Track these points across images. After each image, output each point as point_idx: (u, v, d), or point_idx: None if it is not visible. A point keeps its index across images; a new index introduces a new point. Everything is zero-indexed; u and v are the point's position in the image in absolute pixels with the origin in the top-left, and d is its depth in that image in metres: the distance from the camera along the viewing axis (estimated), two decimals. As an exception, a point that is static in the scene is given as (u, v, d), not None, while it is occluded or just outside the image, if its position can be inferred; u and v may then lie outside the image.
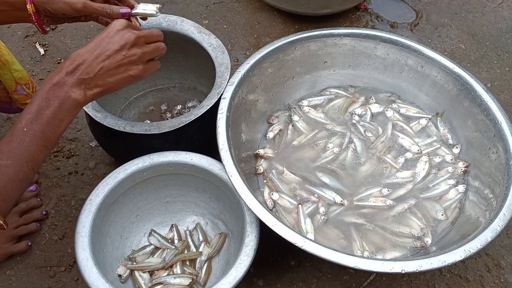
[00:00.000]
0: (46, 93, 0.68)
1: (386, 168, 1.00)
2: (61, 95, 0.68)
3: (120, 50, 0.72)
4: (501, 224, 0.78)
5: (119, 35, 0.73)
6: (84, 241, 0.81)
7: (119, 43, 0.72)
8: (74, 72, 0.70)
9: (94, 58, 0.71)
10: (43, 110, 0.67)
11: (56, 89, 0.69)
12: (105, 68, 0.72)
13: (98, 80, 0.72)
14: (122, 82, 0.75)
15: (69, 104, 0.69)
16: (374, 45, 1.08)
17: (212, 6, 1.55)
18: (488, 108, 0.95)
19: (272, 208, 0.93)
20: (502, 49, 1.46)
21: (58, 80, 0.69)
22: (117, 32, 0.73)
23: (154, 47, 0.77)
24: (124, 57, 0.73)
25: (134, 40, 0.73)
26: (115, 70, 0.73)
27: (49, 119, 0.67)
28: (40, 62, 1.35)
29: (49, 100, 0.68)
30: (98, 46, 0.72)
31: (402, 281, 0.99)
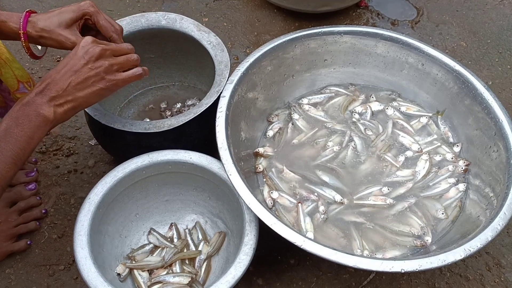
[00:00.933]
0: (15, 113, 0.70)
1: (386, 167, 0.99)
2: (30, 113, 0.70)
3: (86, 63, 0.75)
4: (501, 223, 0.78)
5: (84, 50, 0.75)
6: (83, 240, 0.81)
7: (84, 57, 0.75)
8: (43, 91, 0.72)
9: (62, 75, 0.74)
10: (12, 128, 0.69)
11: (25, 108, 0.71)
12: (73, 83, 0.74)
13: (68, 96, 0.74)
14: (93, 95, 0.76)
15: (38, 121, 0.71)
16: (375, 43, 1.08)
17: (212, 3, 1.55)
18: (489, 106, 0.95)
19: (272, 207, 0.93)
20: (503, 46, 1.45)
21: (27, 100, 0.71)
22: (82, 48, 0.75)
23: (124, 58, 0.79)
24: (90, 70, 0.75)
25: (99, 52, 0.75)
26: (83, 84, 0.74)
27: (18, 137, 0.69)
28: (39, 60, 1.35)
29: (18, 119, 0.70)
30: (66, 64, 0.75)
31: (402, 280, 0.99)
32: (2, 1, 1.52)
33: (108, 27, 0.88)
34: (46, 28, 0.84)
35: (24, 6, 1.50)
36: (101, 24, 0.87)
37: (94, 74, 0.75)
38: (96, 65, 0.75)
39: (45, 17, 0.85)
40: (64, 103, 0.74)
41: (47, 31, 0.84)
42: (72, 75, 0.74)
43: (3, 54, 0.88)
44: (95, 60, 0.75)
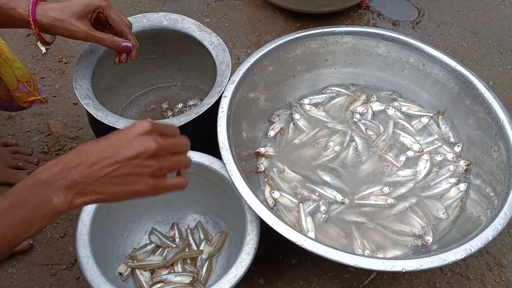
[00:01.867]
0: (26, 189, 0.56)
1: (387, 167, 0.99)
2: (41, 196, 0.55)
3: (134, 158, 0.58)
4: (502, 222, 0.78)
5: (139, 141, 0.59)
6: (85, 239, 0.81)
7: (136, 149, 0.58)
8: (70, 170, 0.56)
9: (100, 160, 0.57)
10: (14, 209, 0.55)
11: (39, 188, 0.56)
12: (110, 175, 0.58)
13: (97, 187, 0.58)
14: (125, 194, 0.60)
15: (46, 209, 0.56)
16: (376, 43, 1.08)
17: (214, 4, 1.55)
18: (490, 106, 0.95)
19: (273, 207, 0.93)
20: (504, 47, 1.45)
21: (47, 177, 0.56)
22: (137, 136, 0.59)
23: (177, 161, 0.63)
24: (135, 167, 0.59)
25: (155, 150, 0.59)
26: (121, 180, 0.58)
27: (16, 221, 0.55)
28: (41, 60, 1.36)
29: (27, 198, 0.55)
30: (110, 147, 0.58)
31: (403, 279, 0.99)
32: None
33: (120, 21, 0.89)
34: (58, 17, 0.84)
35: None
36: (113, 18, 0.89)
37: (138, 173, 0.59)
38: (145, 164, 0.59)
39: (56, 6, 0.86)
40: (88, 194, 0.58)
41: (59, 20, 0.84)
42: (113, 164, 0.57)
43: (3, 54, 0.89)
44: (146, 157, 0.59)
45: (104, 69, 1.06)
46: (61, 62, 1.36)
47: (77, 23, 0.86)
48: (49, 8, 0.85)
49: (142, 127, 0.59)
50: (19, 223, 0.54)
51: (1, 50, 0.87)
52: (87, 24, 0.88)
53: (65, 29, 0.85)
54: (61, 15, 0.85)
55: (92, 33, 0.88)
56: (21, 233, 0.55)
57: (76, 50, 1.37)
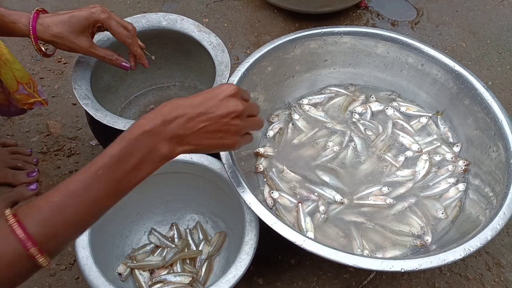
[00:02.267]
0: (134, 139, 0.60)
1: (386, 167, 1.00)
2: (149, 145, 0.61)
3: (225, 116, 0.66)
4: (501, 222, 0.78)
5: (228, 102, 0.67)
6: (84, 239, 0.81)
7: (227, 109, 0.66)
8: (171, 123, 0.62)
9: (196, 116, 0.64)
10: (125, 157, 0.60)
11: (146, 137, 0.61)
12: (204, 130, 0.65)
13: (193, 139, 0.65)
14: (213, 147, 0.69)
15: (155, 157, 0.62)
16: (375, 43, 1.08)
17: (213, 4, 1.55)
18: (489, 106, 0.95)
19: (272, 207, 0.93)
20: (503, 47, 1.45)
21: (151, 128, 0.61)
22: (227, 98, 0.67)
23: (253, 121, 0.72)
24: (225, 125, 0.67)
25: (240, 112, 0.67)
26: (212, 134, 0.66)
27: (128, 168, 0.60)
28: (40, 60, 1.36)
29: (136, 148, 0.60)
30: (203, 104, 0.65)
31: (402, 279, 0.99)
32: (3, 2, 1.52)
33: (121, 33, 0.91)
34: (58, 34, 0.86)
35: (25, 6, 1.50)
36: (113, 30, 0.90)
37: (226, 130, 0.67)
38: (232, 123, 0.67)
39: (56, 21, 0.86)
40: (185, 145, 0.64)
41: (60, 37, 0.87)
42: (207, 120, 0.65)
43: (3, 56, 0.89)
44: (233, 117, 0.67)
45: (103, 70, 1.06)
46: (60, 62, 1.36)
47: (77, 39, 0.88)
48: (49, 24, 0.86)
49: (231, 89, 0.67)
50: (130, 171, 0.60)
51: (0, 52, 0.87)
52: (87, 40, 0.90)
53: (65, 46, 0.88)
54: (61, 32, 0.86)
55: (92, 51, 0.90)
56: (132, 179, 0.61)
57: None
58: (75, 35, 0.87)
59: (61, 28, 0.86)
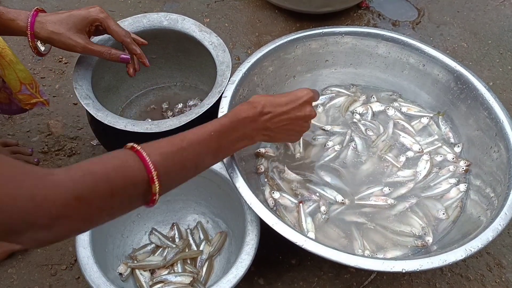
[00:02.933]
0: (240, 120, 0.73)
1: (387, 167, 0.99)
2: (248, 129, 0.75)
3: (301, 119, 0.81)
4: (502, 223, 0.78)
5: (306, 107, 0.81)
6: (84, 239, 0.81)
7: (304, 113, 0.80)
8: (264, 116, 0.76)
9: (281, 114, 0.78)
10: (231, 130, 0.72)
11: (247, 121, 0.74)
12: (283, 127, 0.79)
13: (273, 131, 0.79)
14: (283, 140, 0.89)
15: (248, 137, 0.76)
16: (376, 44, 1.08)
17: (214, 4, 1.55)
18: (490, 107, 0.95)
19: (273, 207, 0.93)
20: (504, 47, 1.45)
21: (253, 115, 0.75)
22: (306, 104, 0.80)
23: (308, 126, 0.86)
24: (299, 126, 0.82)
25: (312, 116, 0.82)
26: (287, 131, 0.81)
27: (231, 139, 0.73)
28: (41, 60, 1.36)
29: (240, 126, 0.73)
30: (288, 105, 0.78)
31: (403, 280, 0.99)
32: (4, 2, 1.52)
33: (119, 31, 0.91)
34: (55, 31, 0.86)
35: (25, 6, 1.50)
36: (112, 29, 0.90)
37: (298, 130, 0.83)
38: (304, 125, 0.83)
39: (54, 19, 0.87)
40: (266, 135, 0.79)
41: (57, 34, 0.86)
42: (288, 120, 0.79)
43: (7, 56, 0.89)
44: (306, 120, 0.82)
45: (104, 69, 1.06)
46: (61, 62, 1.36)
47: (74, 36, 0.87)
48: (47, 21, 0.86)
49: (309, 96, 0.81)
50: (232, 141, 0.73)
51: (4, 53, 0.87)
52: (84, 38, 0.89)
53: (62, 43, 0.87)
54: (59, 28, 0.86)
55: (89, 47, 0.89)
56: (229, 148, 0.74)
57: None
58: (72, 33, 0.87)
59: (58, 26, 0.86)
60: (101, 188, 0.53)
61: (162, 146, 0.62)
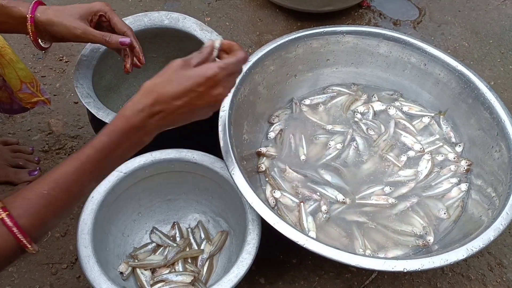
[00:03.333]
0: (122, 133, 0.64)
1: (389, 167, 0.99)
2: (135, 139, 0.65)
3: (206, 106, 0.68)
4: (503, 223, 0.78)
5: (211, 92, 0.66)
6: (86, 238, 0.81)
7: (208, 100, 0.67)
8: (155, 116, 0.65)
9: (177, 109, 0.65)
10: (113, 150, 0.64)
11: (134, 131, 0.64)
12: (183, 118, 0.68)
13: (172, 125, 0.68)
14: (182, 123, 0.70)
15: (138, 147, 0.67)
16: (377, 43, 1.08)
17: (214, 3, 1.55)
18: (491, 106, 0.95)
19: (274, 206, 0.93)
20: (505, 47, 1.45)
21: (139, 122, 0.64)
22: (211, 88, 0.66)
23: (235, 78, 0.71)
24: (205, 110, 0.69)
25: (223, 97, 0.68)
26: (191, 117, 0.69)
27: (114, 158, 0.65)
28: (42, 59, 1.35)
29: (124, 141, 0.64)
30: (185, 96, 0.65)
31: (404, 279, 0.99)
32: None
33: (122, 24, 0.90)
34: (57, 14, 0.85)
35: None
36: (115, 21, 0.89)
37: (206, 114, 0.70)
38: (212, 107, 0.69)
39: (57, 7, 0.86)
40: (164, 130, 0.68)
41: (58, 16, 0.84)
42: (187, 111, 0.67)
43: (7, 55, 0.89)
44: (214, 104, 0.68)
45: (105, 68, 1.06)
46: (61, 60, 1.36)
47: (74, 22, 0.85)
48: (49, 8, 0.86)
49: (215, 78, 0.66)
50: (116, 158, 0.65)
51: (4, 51, 0.87)
52: (85, 24, 0.87)
53: (63, 26, 0.84)
54: (61, 14, 0.85)
55: (90, 30, 0.86)
56: (115, 165, 0.67)
57: (76, 49, 1.37)
58: (72, 18, 0.85)
59: (61, 12, 0.85)
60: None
61: (31, 204, 0.57)
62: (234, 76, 0.70)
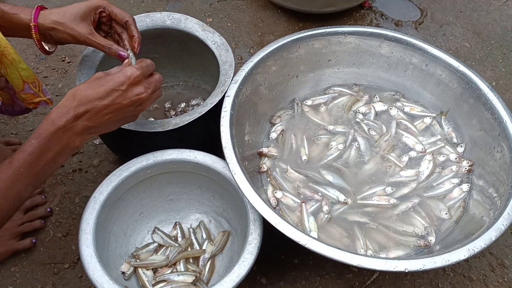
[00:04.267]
0: (50, 136, 0.68)
1: (390, 167, 0.99)
2: (64, 141, 0.70)
3: (130, 105, 0.74)
4: (505, 223, 0.78)
5: (133, 91, 0.74)
6: (88, 238, 0.81)
7: (131, 99, 0.74)
8: (81, 118, 0.70)
9: (103, 108, 0.72)
10: (44, 153, 0.68)
11: (61, 134, 0.69)
12: (111, 119, 0.74)
13: (100, 127, 0.74)
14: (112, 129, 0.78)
15: (69, 149, 0.71)
16: (379, 44, 1.08)
17: (216, 4, 1.55)
18: (493, 107, 0.95)
19: (276, 206, 0.93)
20: (507, 47, 1.45)
21: (65, 124, 0.69)
22: (131, 87, 0.74)
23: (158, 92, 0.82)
24: (129, 112, 0.76)
25: (145, 96, 0.76)
26: (115, 122, 0.76)
27: (46, 162, 0.69)
28: (44, 60, 1.36)
29: (52, 144, 0.69)
30: (109, 95, 0.72)
31: (405, 280, 0.99)
32: (8, 1, 1.53)
33: (123, 13, 0.90)
34: (59, 20, 0.85)
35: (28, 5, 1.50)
36: (115, 12, 0.89)
37: (131, 115, 0.78)
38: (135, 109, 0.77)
39: (57, 10, 0.86)
40: (94, 133, 0.74)
41: (60, 24, 0.85)
42: (114, 111, 0.73)
43: (9, 55, 0.89)
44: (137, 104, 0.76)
45: (107, 69, 1.05)
46: (64, 61, 1.36)
47: (78, 26, 0.86)
48: (51, 13, 0.86)
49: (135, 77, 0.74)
50: (49, 164, 0.69)
51: (7, 51, 0.87)
52: (89, 27, 0.88)
53: (66, 33, 0.86)
54: (62, 18, 0.86)
55: (93, 39, 0.88)
56: (50, 171, 0.70)
57: (79, 49, 1.37)
58: (76, 22, 0.86)
59: (62, 15, 0.86)
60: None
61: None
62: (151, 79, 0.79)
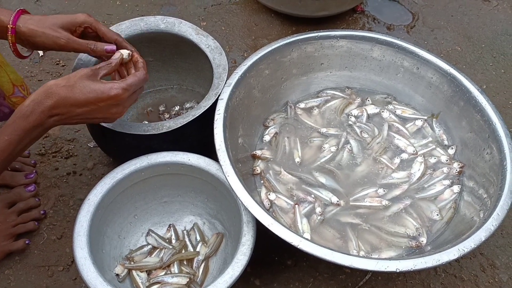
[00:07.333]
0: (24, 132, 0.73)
1: (382, 169, 1.01)
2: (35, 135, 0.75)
3: (101, 119, 0.79)
4: (495, 223, 0.79)
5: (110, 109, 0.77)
6: (82, 240, 0.82)
7: (104, 116, 0.78)
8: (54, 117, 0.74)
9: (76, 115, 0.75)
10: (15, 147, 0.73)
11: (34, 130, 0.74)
12: (77, 122, 0.79)
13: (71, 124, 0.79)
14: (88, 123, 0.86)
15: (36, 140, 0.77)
16: (371, 47, 1.09)
17: (210, 8, 1.56)
18: (483, 109, 0.96)
19: (269, 208, 0.94)
20: (497, 51, 1.47)
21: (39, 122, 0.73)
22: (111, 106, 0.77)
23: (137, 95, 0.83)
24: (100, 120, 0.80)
25: (118, 116, 0.80)
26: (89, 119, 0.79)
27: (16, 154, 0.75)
28: (38, 63, 1.36)
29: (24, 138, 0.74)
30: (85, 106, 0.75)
31: (397, 280, 1.00)
32: (3, 4, 1.53)
33: (111, 32, 0.88)
34: (39, 25, 0.83)
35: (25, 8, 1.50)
36: (103, 30, 0.87)
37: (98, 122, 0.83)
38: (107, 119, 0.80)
39: (39, 17, 0.85)
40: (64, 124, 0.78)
41: (40, 27, 0.83)
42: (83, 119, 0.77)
43: None
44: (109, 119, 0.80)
45: (102, 72, 1.07)
46: (58, 64, 1.36)
47: (57, 31, 0.83)
48: (31, 18, 0.84)
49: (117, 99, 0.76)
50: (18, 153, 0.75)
51: None
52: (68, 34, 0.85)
53: (45, 36, 0.83)
54: (43, 24, 0.83)
55: (73, 39, 0.85)
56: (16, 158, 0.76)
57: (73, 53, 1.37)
58: (55, 27, 0.83)
59: (43, 22, 0.84)
60: None
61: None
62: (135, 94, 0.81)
